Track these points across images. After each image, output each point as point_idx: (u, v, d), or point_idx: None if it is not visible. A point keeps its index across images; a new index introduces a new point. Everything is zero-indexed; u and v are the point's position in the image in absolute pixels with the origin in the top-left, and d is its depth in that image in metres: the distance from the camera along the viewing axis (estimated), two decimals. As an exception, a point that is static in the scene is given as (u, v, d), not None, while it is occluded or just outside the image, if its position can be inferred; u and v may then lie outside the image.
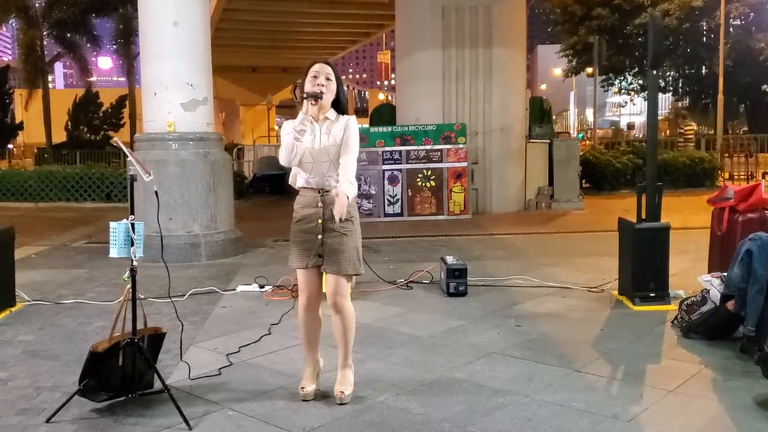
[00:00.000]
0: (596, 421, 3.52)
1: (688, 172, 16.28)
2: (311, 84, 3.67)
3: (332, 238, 3.68)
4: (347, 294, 3.78)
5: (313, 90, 3.62)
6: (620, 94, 44.58)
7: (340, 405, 3.73)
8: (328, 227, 3.67)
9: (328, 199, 3.67)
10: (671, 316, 5.27)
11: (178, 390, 3.97)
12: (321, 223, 3.68)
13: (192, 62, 8.25)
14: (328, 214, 3.65)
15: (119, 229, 3.69)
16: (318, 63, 3.74)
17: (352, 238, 3.72)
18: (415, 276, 6.78)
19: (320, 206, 3.68)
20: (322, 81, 3.67)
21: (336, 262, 3.69)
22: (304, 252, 3.72)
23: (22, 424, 3.57)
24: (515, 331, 5.15)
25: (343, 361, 3.86)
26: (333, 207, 3.57)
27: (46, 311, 5.89)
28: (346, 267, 3.70)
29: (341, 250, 3.68)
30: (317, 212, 3.69)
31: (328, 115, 3.75)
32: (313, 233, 3.69)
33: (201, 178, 8.14)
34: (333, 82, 3.71)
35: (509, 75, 13.07)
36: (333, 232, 3.68)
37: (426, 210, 11.98)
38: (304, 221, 3.72)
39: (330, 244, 3.68)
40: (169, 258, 7.78)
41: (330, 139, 3.71)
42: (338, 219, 3.54)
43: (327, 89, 3.67)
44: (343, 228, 3.68)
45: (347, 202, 3.56)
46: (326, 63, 3.76)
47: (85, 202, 15.05)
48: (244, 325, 5.42)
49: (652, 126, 5.58)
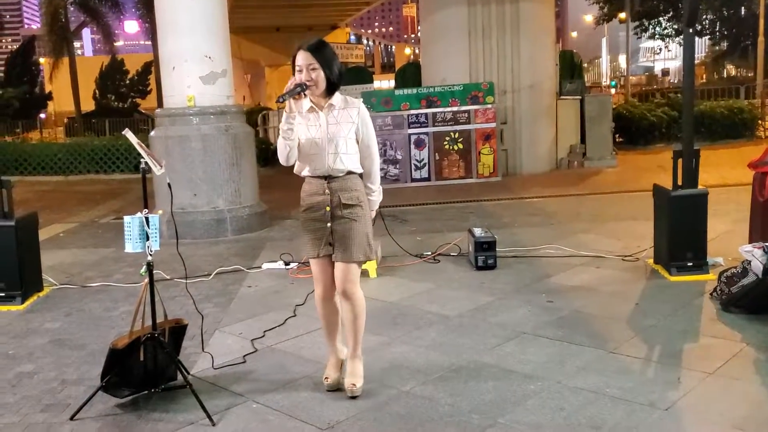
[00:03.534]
0: (631, 410, 3.37)
1: (726, 123, 15.71)
2: (294, 79, 3.45)
3: (341, 225, 3.57)
4: (357, 281, 3.66)
5: (290, 88, 3.39)
6: (654, 39, 43.32)
7: (352, 398, 3.61)
8: (336, 214, 3.57)
9: (335, 186, 3.56)
10: (710, 287, 5.07)
11: (201, 380, 3.93)
12: (329, 210, 3.57)
13: (209, 34, 8.08)
14: (335, 201, 3.56)
15: (133, 223, 3.59)
16: (299, 52, 3.46)
17: (362, 223, 3.61)
18: (442, 249, 6.64)
19: (327, 193, 3.56)
20: (306, 75, 3.43)
21: (346, 249, 3.58)
22: (315, 241, 3.62)
23: (47, 422, 3.55)
24: (546, 307, 5.00)
25: (353, 352, 3.74)
26: (341, 193, 3.54)
27: (73, 295, 5.89)
28: (357, 254, 3.59)
29: (351, 236, 3.57)
30: (325, 200, 3.57)
31: (333, 101, 3.55)
32: (321, 221, 3.59)
33: (223, 152, 8.03)
34: (319, 70, 3.44)
35: (538, 29, 12.66)
36: (342, 219, 3.57)
37: (454, 174, 11.74)
38: (312, 209, 3.61)
39: (339, 231, 3.57)
40: (195, 234, 7.82)
41: (339, 128, 3.54)
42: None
43: (314, 82, 3.44)
44: (352, 214, 3.57)
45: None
46: (307, 50, 3.45)
47: (114, 173, 15.12)
48: (270, 306, 5.35)
49: (688, 89, 5.30)
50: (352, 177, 3.61)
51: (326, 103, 3.54)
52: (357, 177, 3.63)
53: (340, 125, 3.55)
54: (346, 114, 3.56)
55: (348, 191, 3.58)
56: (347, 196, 3.58)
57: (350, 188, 3.59)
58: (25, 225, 5.72)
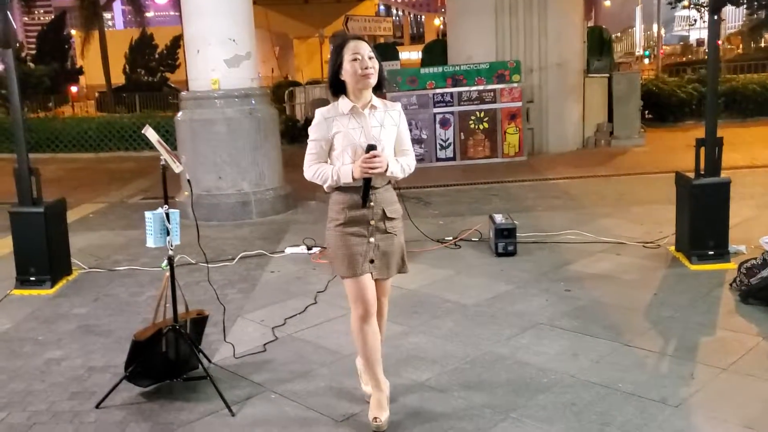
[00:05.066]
0: (643, 406, 3.41)
1: (759, 100, 15.40)
2: (353, 68, 3.15)
3: (384, 240, 3.32)
4: (389, 293, 3.57)
5: (371, 148, 3.11)
6: (689, 8, 42.40)
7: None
8: (380, 228, 3.30)
9: (378, 197, 3.27)
10: (730, 277, 5.05)
11: (222, 369, 4.03)
12: (373, 224, 3.28)
13: (233, 16, 8.11)
14: (379, 214, 3.28)
15: (155, 218, 3.68)
16: (355, 41, 3.21)
17: (401, 237, 3.42)
18: (463, 234, 6.67)
19: (371, 205, 3.26)
20: (367, 63, 3.15)
21: (388, 266, 3.37)
22: (354, 258, 3.26)
23: (74, 410, 3.68)
24: (564, 296, 5.03)
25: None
26: (385, 206, 3.29)
27: (100, 279, 6.04)
28: (395, 270, 3.42)
29: (392, 252, 3.36)
30: (367, 213, 3.26)
31: (375, 102, 3.28)
32: (363, 236, 3.27)
33: (248, 135, 8.11)
34: (375, 60, 3.18)
35: (566, 6, 12.49)
36: (385, 234, 3.31)
37: (479, 153, 11.73)
38: (350, 224, 3.26)
39: (381, 247, 3.32)
40: (220, 217, 7.95)
41: (383, 132, 3.26)
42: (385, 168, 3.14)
43: (374, 70, 3.18)
44: (394, 228, 3.35)
45: (386, 163, 3.16)
46: (361, 39, 3.25)
47: (143, 151, 15.30)
48: (291, 292, 5.44)
49: (712, 78, 5.22)
50: (391, 187, 3.38)
51: (369, 103, 3.26)
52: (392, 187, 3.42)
53: (385, 128, 3.27)
54: (388, 116, 3.30)
55: (391, 203, 3.34)
56: (391, 209, 3.33)
57: (393, 200, 3.36)
58: (54, 211, 5.87)
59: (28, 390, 3.91)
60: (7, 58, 5.47)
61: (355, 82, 3.19)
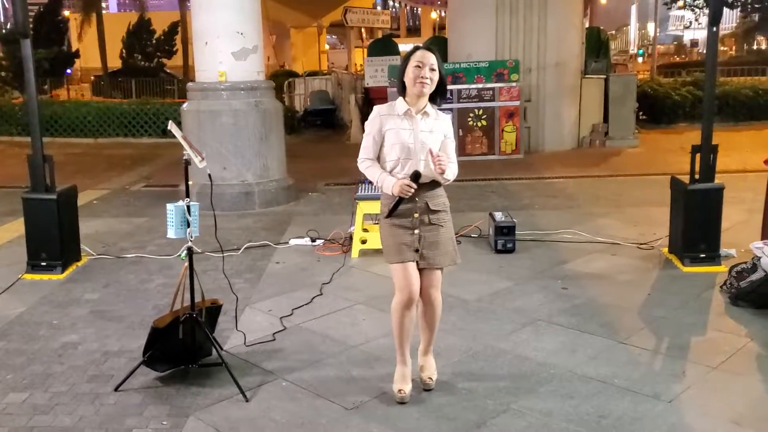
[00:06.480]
0: (637, 401, 3.60)
1: (751, 104, 15.66)
2: (413, 73, 3.40)
3: (430, 231, 3.55)
4: (440, 286, 3.71)
5: (416, 176, 3.38)
6: (684, 9, 42.64)
7: (428, 391, 3.77)
8: (424, 220, 3.53)
9: (423, 191, 3.50)
10: (720, 280, 5.25)
11: (235, 357, 4.19)
12: (417, 217, 3.52)
13: (241, 10, 8.24)
14: (423, 207, 3.52)
15: (176, 211, 3.84)
16: (421, 50, 3.47)
17: (448, 228, 3.62)
18: (464, 230, 6.85)
19: (416, 199, 3.49)
20: (426, 73, 3.40)
21: (435, 256, 3.57)
22: (401, 247, 3.52)
23: (94, 392, 3.83)
24: (561, 294, 5.21)
25: (427, 347, 3.86)
26: (429, 200, 3.52)
27: (109, 266, 6.18)
28: (444, 260, 3.60)
29: (439, 242, 3.56)
30: (412, 207, 3.51)
31: (428, 109, 3.51)
32: (409, 228, 3.53)
33: (253, 127, 8.26)
34: (436, 72, 3.43)
35: (565, 6, 12.67)
36: (430, 225, 3.54)
37: (477, 150, 11.91)
38: (398, 216, 3.52)
39: (427, 238, 3.54)
40: (224, 207, 8.09)
41: (431, 138, 3.49)
42: (436, 168, 3.35)
43: (431, 81, 3.43)
44: (439, 220, 3.56)
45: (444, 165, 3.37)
46: (430, 50, 3.48)
47: (142, 137, 15.40)
48: (297, 283, 5.60)
49: (709, 87, 5.41)
50: (437, 182, 3.57)
51: (423, 110, 3.50)
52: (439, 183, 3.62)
53: (434, 134, 3.50)
54: (438, 125, 3.53)
55: (435, 197, 3.56)
56: (435, 202, 3.55)
57: (438, 194, 3.58)
58: (66, 198, 6.00)
59: (48, 372, 4.06)
60: (24, 47, 5.58)
61: (411, 86, 3.45)
